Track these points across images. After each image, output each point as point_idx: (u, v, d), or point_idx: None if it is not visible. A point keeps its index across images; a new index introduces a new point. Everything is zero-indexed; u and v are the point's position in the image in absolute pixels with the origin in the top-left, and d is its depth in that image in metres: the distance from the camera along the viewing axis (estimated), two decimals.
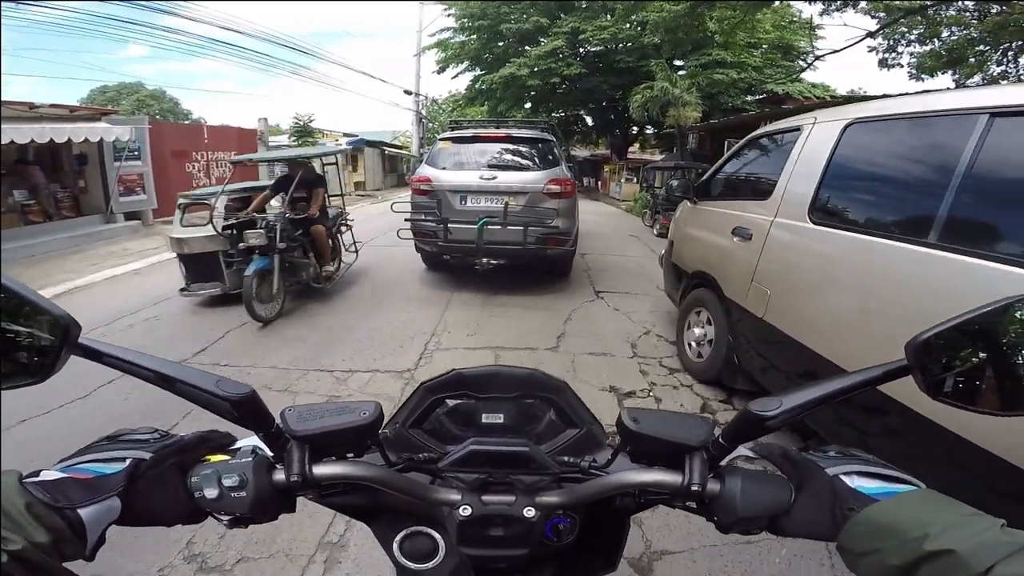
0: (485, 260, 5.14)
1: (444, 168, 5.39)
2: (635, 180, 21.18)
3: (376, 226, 10.29)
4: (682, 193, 4.19)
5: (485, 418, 0.68)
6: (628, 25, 17.53)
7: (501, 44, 20.93)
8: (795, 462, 0.52)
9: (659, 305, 5.12)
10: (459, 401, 0.70)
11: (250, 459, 0.52)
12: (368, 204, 16.84)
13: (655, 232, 10.43)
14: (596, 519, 0.62)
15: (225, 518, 0.51)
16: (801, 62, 14.23)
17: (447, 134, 5.84)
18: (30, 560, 0.37)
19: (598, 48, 19.49)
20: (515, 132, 5.78)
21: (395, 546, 0.59)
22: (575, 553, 0.62)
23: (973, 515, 0.38)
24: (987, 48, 10.77)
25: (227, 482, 0.49)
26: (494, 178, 5.21)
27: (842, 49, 10.86)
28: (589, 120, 26.46)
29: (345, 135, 22.92)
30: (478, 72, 22.58)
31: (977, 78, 12.09)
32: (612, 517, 0.65)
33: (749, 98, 16.95)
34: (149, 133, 9.95)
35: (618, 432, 0.56)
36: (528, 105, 23.83)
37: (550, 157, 5.47)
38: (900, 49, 11.78)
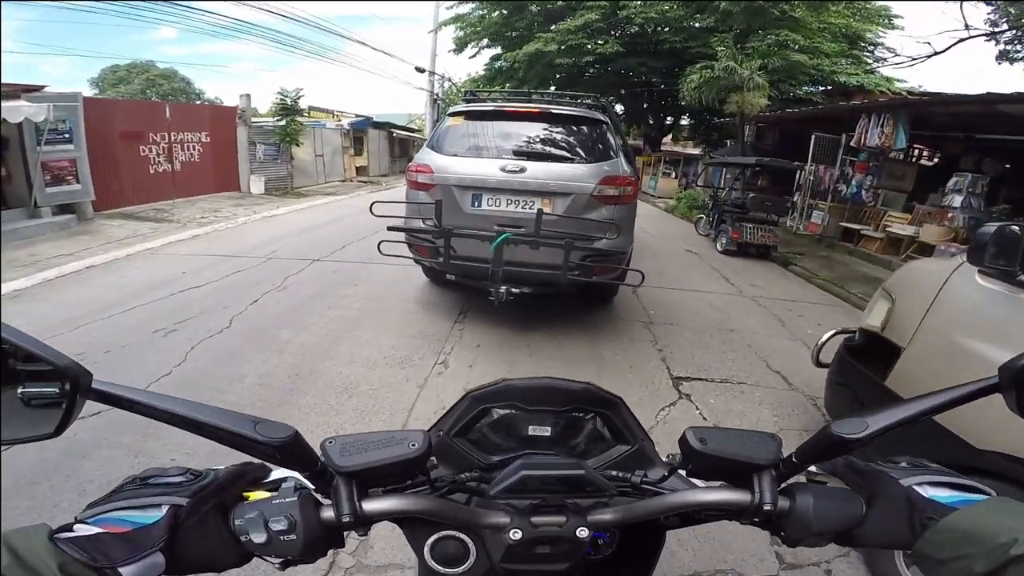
0: (504, 289, 3.45)
1: (453, 154, 3.84)
2: (673, 175, 19.02)
3: (356, 225, 8.39)
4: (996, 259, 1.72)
5: (532, 430, 0.65)
6: (678, 3, 15.33)
7: (526, 19, 18.59)
8: (864, 474, 0.51)
9: (791, 416, 3.21)
10: (506, 411, 0.66)
11: (295, 498, 0.47)
12: (365, 192, 14.99)
13: (719, 248, 8.36)
14: (634, 533, 0.59)
15: (276, 561, 0.48)
16: (903, 56, 12.00)
17: (459, 107, 4.24)
18: None
19: (638, 27, 17.13)
20: (555, 108, 4.11)
21: (426, 550, 0.55)
22: (608, 565, 0.59)
23: None
24: None
25: (275, 526, 0.45)
26: (522, 171, 3.64)
27: (947, 49, 8.69)
28: (620, 107, 24.16)
29: (357, 116, 21.32)
30: (498, 51, 20.30)
31: None
32: (650, 531, 0.61)
33: (813, 89, 14.71)
34: (88, 112, 8.27)
35: (680, 451, 0.53)
36: (553, 88, 21.68)
37: (603, 145, 3.92)
38: None
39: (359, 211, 10.15)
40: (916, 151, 9.62)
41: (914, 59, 8.89)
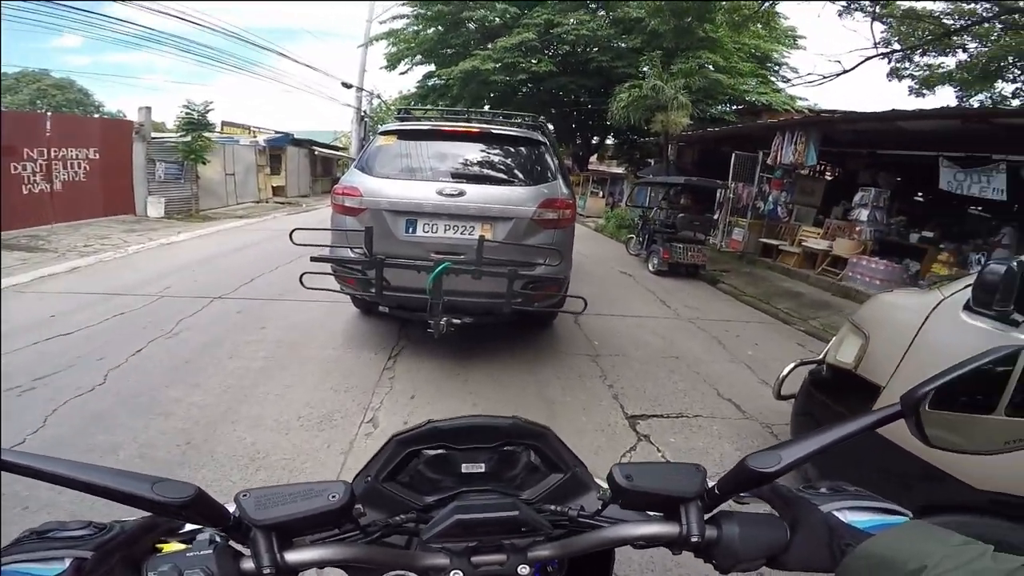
0: (444, 321, 3.09)
1: (385, 176, 3.57)
2: (600, 194, 19.49)
3: (269, 252, 7.64)
4: (990, 295, 1.59)
5: (465, 468, 0.65)
6: (607, 22, 15.88)
7: (462, 36, 18.49)
8: (787, 500, 0.53)
9: (752, 449, 3.20)
10: (436, 452, 0.65)
11: (210, 551, 0.46)
12: (282, 214, 13.94)
13: (651, 268, 8.40)
14: (584, 555, 0.60)
15: None
16: (809, 74, 13.11)
17: (391, 126, 4.00)
18: None
19: (569, 46, 17.54)
20: (495, 129, 3.93)
21: None
22: None
23: (964, 544, 0.40)
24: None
25: None
26: (461, 194, 3.44)
27: (854, 68, 9.50)
28: (551, 126, 24.59)
29: (277, 132, 20.04)
30: (432, 68, 19.85)
31: (982, 96, 11.35)
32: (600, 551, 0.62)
33: (728, 108, 15.72)
34: None
35: (609, 487, 0.54)
36: (487, 106, 21.65)
37: (541, 167, 3.80)
38: (916, 59, 10.74)
39: (273, 236, 9.27)
40: (822, 167, 10.34)
41: (824, 77, 9.60)
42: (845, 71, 9.62)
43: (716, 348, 4.83)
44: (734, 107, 15.75)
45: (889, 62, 11.50)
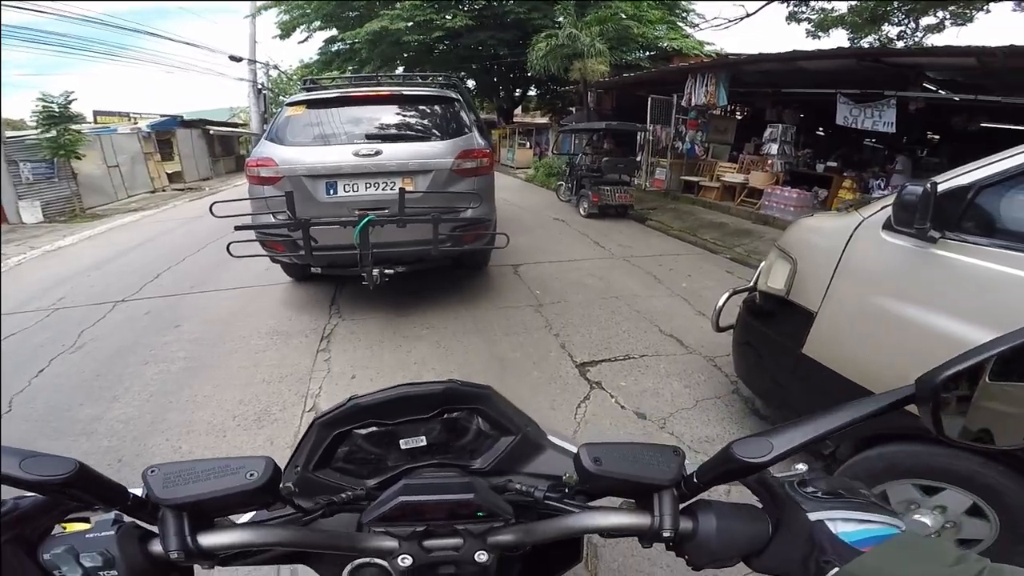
0: (377, 271, 3.41)
1: (299, 144, 3.66)
2: (527, 145, 19.21)
3: (173, 244, 6.97)
4: (909, 215, 1.60)
5: (404, 443, 0.60)
6: None
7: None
8: (774, 496, 0.47)
9: (701, 384, 3.12)
10: (369, 431, 0.60)
11: (112, 531, 0.42)
12: (183, 202, 12.65)
13: (582, 212, 8.44)
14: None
15: None
16: (716, 18, 13.29)
17: (298, 96, 3.97)
18: None
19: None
20: (406, 90, 4.10)
21: None
22: (539, 552, 0.57)
23: (958, 560, 0.36)
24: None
25: (87, 562, 0.39)
26: (378, 154, 3.59)
27: (755, 12, 9.69)
28: (472, 82, 23.71)
29: (162, 116, 17.93)
30: (334, 33, 18.19)
31: (871, 38, 12.02)
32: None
33: (641, 54, 15.76)
34: None
35: (576, 470, 0.48)
36: (402, 68, 20.42)
37: (457, 122, 3.99)
38: (812, 3, 11.16)
39: (176, 226, 8.44)
40: (733, 107, 10.60)
41: (729, 21, 9.74)
42: (748, 15, 9.82)
43: (652, 284, 4.94)
44: (647, 53, 15.83)
45: (788, 6, 11.82)
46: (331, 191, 3.57)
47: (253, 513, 0.49)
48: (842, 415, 0.43)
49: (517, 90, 22.06)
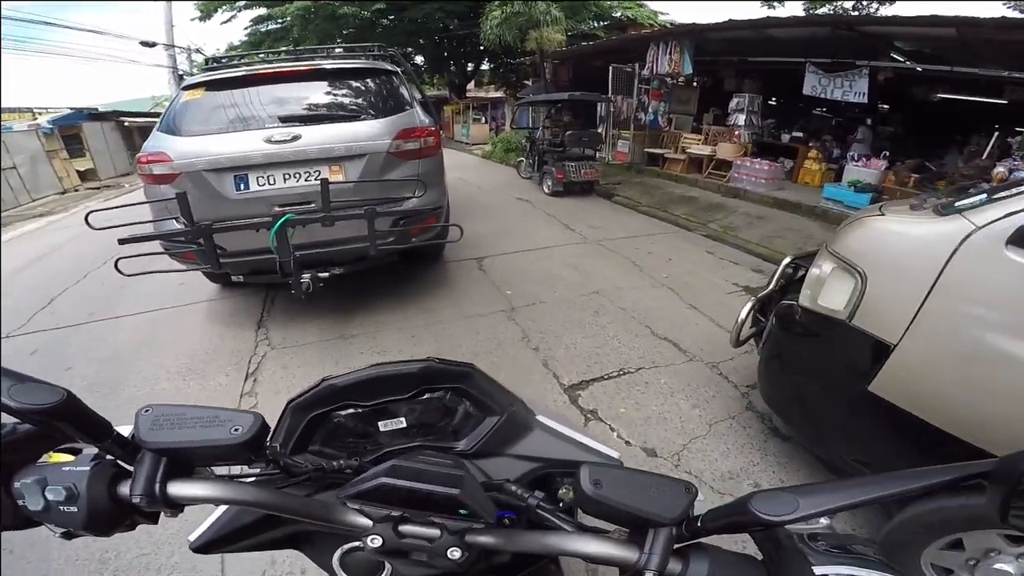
0: (306, 278, 2.82)
1: (196, 134, 3.00)
2: (483, 120, 18.24)
3: (79, 256, 5.88)
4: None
5: (383, 425, 0.58)
6: None
7: None
8: (780, 546, 0.42)
9: (710, 401, 2.65)
10: (346, 413, 0.58)
11: (87, 468, 0.41)
12: (97, 202, 11.06)
13: (546, 190, 7.80)
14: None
15: (57, 531, 0.42)
16: None
17: (195, 78, 3.35)
18: None
19: None
20: (329, 64, 3.38)
21: (335, 565, 0.51)
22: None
23: None
24: None
25: (51, 496, 0.40)
26: (295, 139, 2.98)
27: None
28: (420, 58, 22.33)
29: (71, 110, 15.91)
30: (263, 11, 16.24)
31: (827, 8, 11.72)
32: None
33: (596, 24, 15.06)
34: None
35: (573, 489, 0.45)
36: (341, 47, 18.87)
37: (394, 98, 3.37)
38: None
39: (83, 233, 7.17)
40: (696, 76, 10.01)
41: None
42: None
43: (632, 271, 4.42)
44: (602, 23, 15.13)
45: None
46: (242, 186, 2.95)
47: (241, 469, 0.47)
48: (889, 485, 0.38)
49: (469, 64, 20.95)
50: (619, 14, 14.90)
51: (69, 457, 0.43)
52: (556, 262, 4.62)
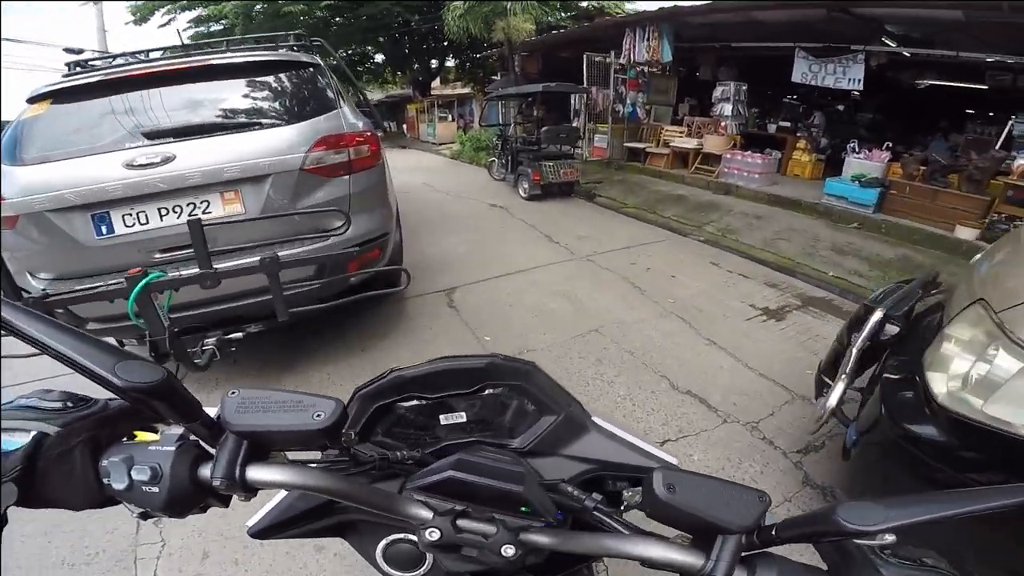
0: (213, 341, 1.71)
1: (40, 160, 2.14)
2: (450, 118, 17.23)
3: None
4: None
5: (444, 419, 0.58)
6: None
7: None
8: (850, 558, 0.38)
9: (761, 477, 2.07)
10: (410, 404, 0.57)
11: (172, 448, 0.41)
12: None
13: (522, 194, 6.94)
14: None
15: (135, 511, 0.41)
16: None
17: (42, 88, 2.35)
18: None
19: None
20: (224, 59, 2.47)
21: (378, 555, 0.51)
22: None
23: None
24: None
25: (137, 475, 0.39)
26: (167, 161, 2.13)
27: None
28: (379, 58, 21.09)
29: None
30: (203, 12, 14.57)
31: None
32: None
33: (562, 15, 14.22)
34: None
35: (642, 490, 0.44)
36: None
37: (315, 97, 2.53)
38: None
39: None
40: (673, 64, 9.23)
41: None
42: None
43: (633, 296, 3.66)
44: (568, 14, 14.30)
45: None
46: (104, 229, 2.13)
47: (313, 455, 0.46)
48: (985, 497, 0.35)
49: (433, 61, 19.88)
50: (585, 3, 14.14)
51: (153, 436, 0.43)
52: (543, 289, 3.81)
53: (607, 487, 0.57)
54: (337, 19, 15.81)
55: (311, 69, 2.59)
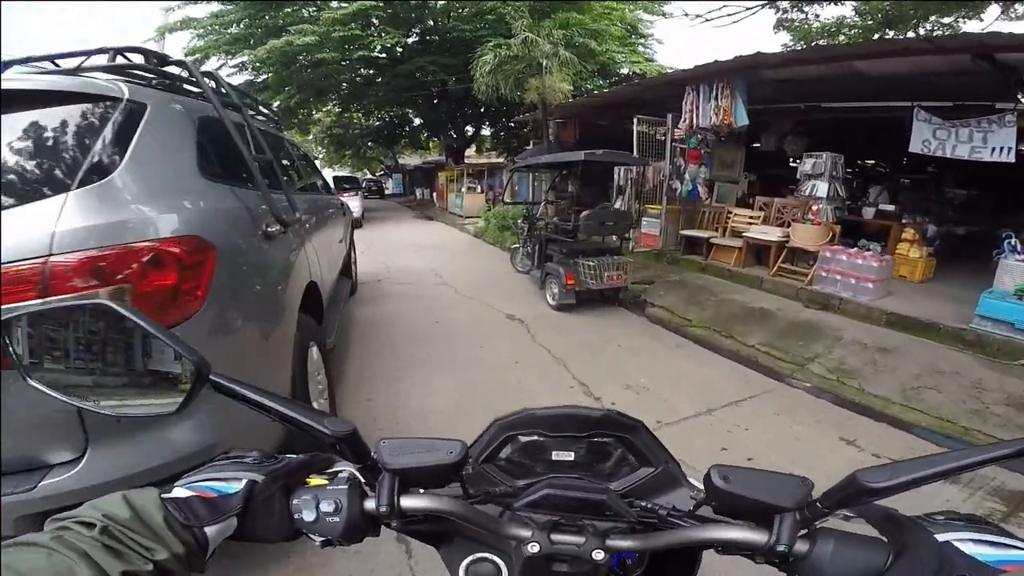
0: None
1: None
2: (479, 189, 16.14)
3: None
4: None
5: (556, 455, 0.64)
6: None
7: (286, 15, 13.25)
8: (899, 524, 0.44)
9: None
10: (531, 438, 0.65)
11: (345, 486, 0.51)
12: None
13: (550, 301, 5.16)
14: (667, 554, 0.55)
15: (318, 539, 0.51)
16: (698, 15, 10.90)
17: None
18: (168, 570, 0.40)
19: (431, 20, 13.77)
20: None
21: (461, 571, 0.56)
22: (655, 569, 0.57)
23: None
24: None
25: (324, 507, 0.50)
26: None
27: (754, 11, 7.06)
28: (418, 120, 20.79)
29: None
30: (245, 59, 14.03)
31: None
32: (684, 552, 0.58)
33: (602, 82, 13.19)
34: None
35: (704, 487, 0.49)
36: (335, 105, 17.40)
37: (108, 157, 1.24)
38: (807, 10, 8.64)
39: None
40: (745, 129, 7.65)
41: (707, 18, 7.09)
42: (734, 14, 7.20)
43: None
44: (608, 80, 13.28)
45: (777, 12, 9.33)
46: None
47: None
48: (973, 454, 0.41)
49: (468, 127, 19.29)
50: (626, 70, 13.10)
51: (323, 480, 0.52)
52: None
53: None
54: (377, 81, 15.42)
55: (110, 106, 1.33)
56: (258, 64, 12.63)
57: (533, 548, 0.49)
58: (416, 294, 5.55)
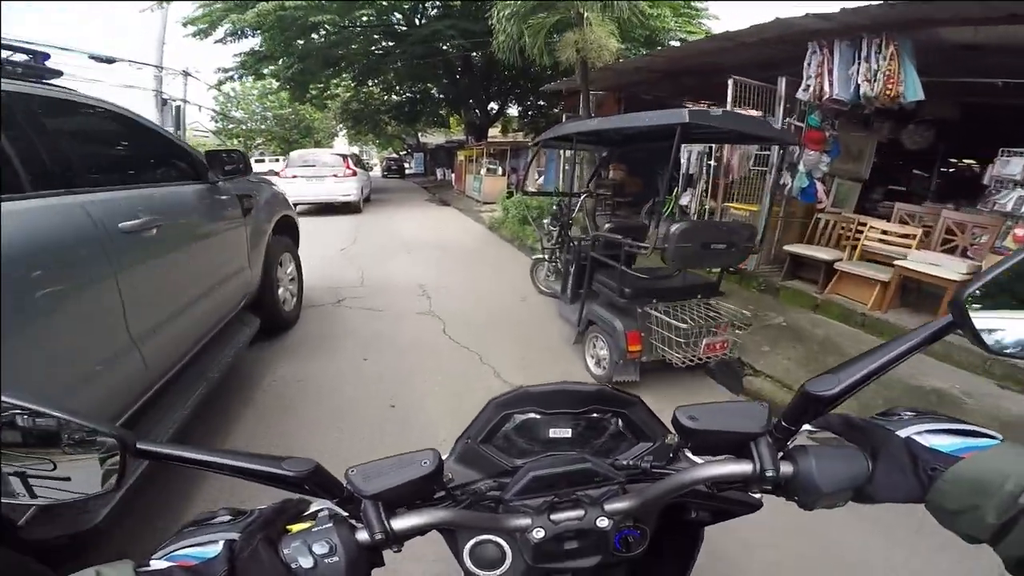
0: None
1: None
2: (500, 171, 13.99)
3: None
4: None
5: (552, 432, 0.66)
6: None
7: None
8: (862, 429, 0.48)
9: None
10: (527, 416, 0.66)
11: (331, 524, 0.48)
12: None
13: (594, 366, 3.10)
14: (668, 530, 0.58)
15: None
16: None
17: None
18: None
19: None
20: None
21: (465, 555, 0.55)
22: (645, 563, 0.57)
23: None
24: None
25: (318, 550, 0.46)
26: None
27: None
28: (440, 96, 18.75)
29: None
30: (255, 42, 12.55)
31: None
32: (685, 529, 0.61)
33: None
34: None
35: (675, 431, 0.51)
36: (351, 79, 15.61)
37: None
38: None
39: None
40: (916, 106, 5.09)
41: None
42: None
43: None
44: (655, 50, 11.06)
45: None
46: None
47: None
48: (896, 347, 0.42)
49: (492, 103, 17.17)
50: (680, 38, 10.92)
51: (306, 524, 0.48)
52: None
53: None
54: (394, 54, 13.46)
55: None
56: (248, 29, 10.81)
57: (539, 534, 0.50)
58: (380, 333, 3.63)
